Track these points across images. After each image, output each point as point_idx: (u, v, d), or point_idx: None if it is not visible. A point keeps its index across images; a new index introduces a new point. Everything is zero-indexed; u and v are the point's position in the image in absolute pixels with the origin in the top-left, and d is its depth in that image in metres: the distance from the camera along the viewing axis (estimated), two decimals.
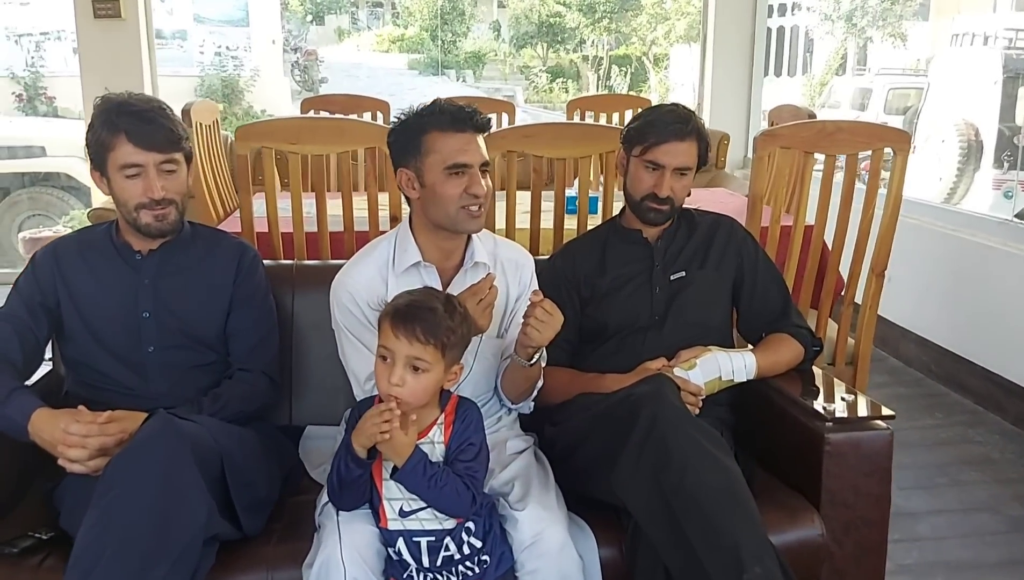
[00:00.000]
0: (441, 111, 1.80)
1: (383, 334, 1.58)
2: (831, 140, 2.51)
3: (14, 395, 1.72)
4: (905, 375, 3.93)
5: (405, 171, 1.82)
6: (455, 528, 1.61)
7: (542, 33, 22.34)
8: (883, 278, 2.62)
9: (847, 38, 17.90)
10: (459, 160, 1.78)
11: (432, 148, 1.78)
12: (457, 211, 1.80)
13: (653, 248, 2.11)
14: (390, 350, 1.56)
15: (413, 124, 1.81)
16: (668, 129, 2.01)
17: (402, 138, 1.82)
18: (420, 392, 1.57)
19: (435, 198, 1.80)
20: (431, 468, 1.56)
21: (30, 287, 1.89)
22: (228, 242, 2.03)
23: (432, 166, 1.78)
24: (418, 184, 1.81)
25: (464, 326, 1.62)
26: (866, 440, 1.82)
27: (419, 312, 1.56)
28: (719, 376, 1.96)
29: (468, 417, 1.64)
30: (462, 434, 1.62)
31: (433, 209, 1.82)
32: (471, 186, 1.79)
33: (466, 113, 1.80)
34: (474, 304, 1.70)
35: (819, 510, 1.82)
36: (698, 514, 1.53)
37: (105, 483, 1.50)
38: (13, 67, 11.29)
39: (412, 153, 1.80)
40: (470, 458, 1.61)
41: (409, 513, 1.60)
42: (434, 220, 1.83)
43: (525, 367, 1.79)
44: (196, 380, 1.91)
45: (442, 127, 1.78)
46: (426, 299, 1.60)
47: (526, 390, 1.89)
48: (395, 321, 1.56)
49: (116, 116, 1.80)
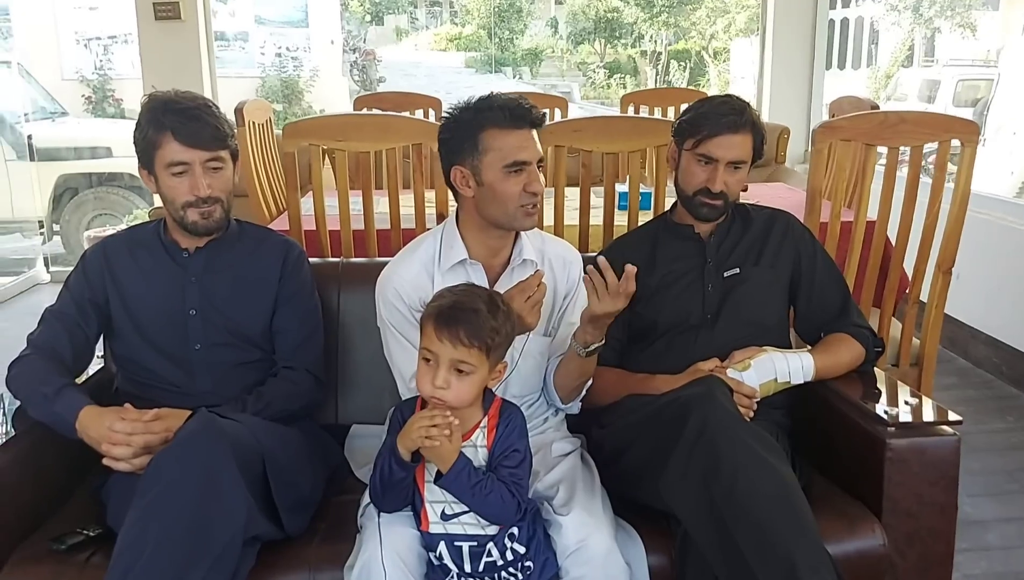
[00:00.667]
0: (498, 107, 1.74)
1: (426, 336, 1.54)
2: (894, 132, 2.40)
3: (63, 392, 1.74)
4: (974, 377, 3.77)
5: (460, 169, 1.78)
6: (498, 533, 1.57)
7: (599, 29, 22.19)
8: (950, 275, 2.50)
9: (914, 29, 17.37)
10: (519, 158, 1.73)
11: (490, 146, 1.74)
12: (516, 209, 1.76)
13: (706, 244, 2.04)
14: (433, 353, 1.52)
15: (469, 120, 1.76)
16: (721, 121, 1.94)
17: (457, 135, 1.77)
18: (464, 394, 1.53)
19: (493, 196, 1.76)
20: (475, 475, 1.53)
21: (80, 285, 1.90)
22: (273, 239, 2.02)
23: (491, 164, 1.74)
24: (474, 182, 1.77)
25: (508, 324, 1.58)
26: (931, 446, 1.73)
27: (462, 314, 1.52)
28: (775, 378, 1.88)
29: (512, 421, 1.59)
30: (506, 439, 1.58)
31: (490, 207, 1.78)
32: (530, 184, 1.75)
33: (523, 109, 1.75)
34: (522, 301, 1.66)
35: (880, 519, 1.73)
36: (750, 522, 1.46)
37: (146, 482, 1.50)
38: (82, 70, 11.63)
39: (468, 151, 1.76)
40: (514, 464, 1.56)
41: (451, 516, 1.57)
42: (490, 218, 1.79)
43: (581, 355, 1.73)
44: (242, 378, 1.91)
45: (500, 124, 1.73)
46: (469, 299, 1.55)
47: (577, 386, 1.84)
48: (438, 323, 1.52)
49: (162, 114, 1.80)
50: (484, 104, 1.76)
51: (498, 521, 1.56)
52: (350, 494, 1.86)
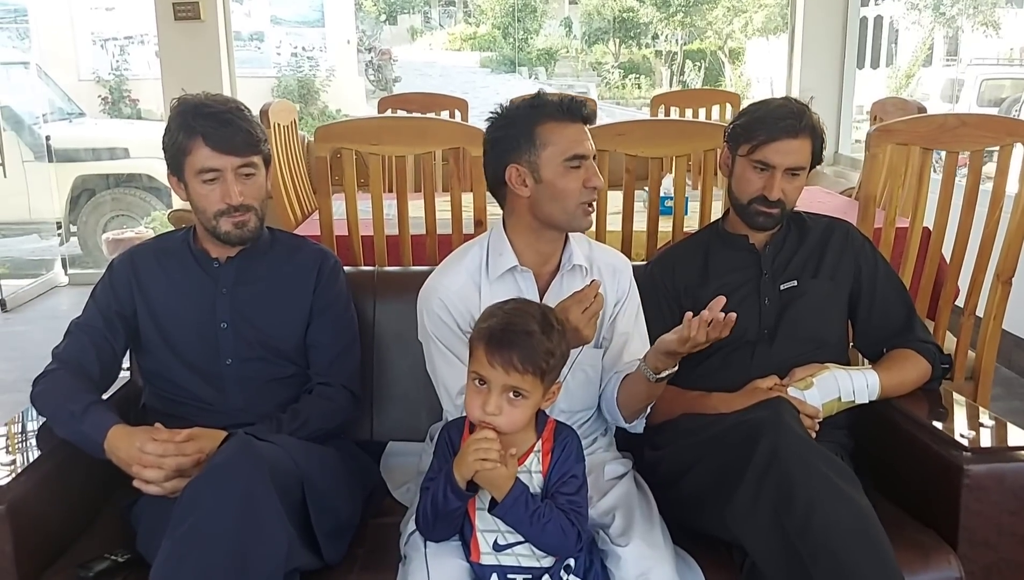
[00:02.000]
0: (552, 101, 1.70)
1: (476, 360, 1.44)
2: (953, 135, 2.29)
3: (90, 410, 1.66)
4: (1020, 387, 3.66)
5: (516, 166, 1.69)
6: (554, 565, 1.47)
7: (614, 29, 22.09)
8: (1009, 286, 2.39)
9: (934, 28, 17.19)
10: (578, 151, 1.68)
11: (549, 140, 1.67)
12: (576, 207, 1.69)
13: (761, 255, 1.94)
14: (484, 377, 1.43)
15: (524, 116, 1.70)
16: (779, 125, 1.84)
17: (511, 132, 1.70)
18: (518, 420, 1.44)
19: (554, 193, 1.68)
20: (533, 502, 1.43)
21: (106, 296, 1.82)
22: (308, 249, 1.93)
23: (550, 159, 1.67)
24: (531, 180, 1.68)
25: (563, 344, 1.48)
26: (1011, 473, 1.63)
27: (516, 337, 1.42)
28: (838, 397, 1.79)
29: (568, 446, 1.50)
30: (563, 464, 1.48)
31: (548, 205, 1.69)
32: (590, 179, 1.69)
33: (577, 103, 1.70)
34: (578, 313, 1.56)
35: (956, 550, 1.63)
36: (828, 558, 1.37)
37: (181, 511, 1.40)
38: (99, 70, 11.63)
39: (525, 147, 1.68)
40: (573, 491, 1.47)
41: (504, 547, 1.47)
42: (546, 218, 1.71)
43: (651, 381, 1.62)
44: (275, 394, 1.82)
45: (557, 117, 1.68)
46: (521, 320, 1.45)
47: (641, 409, 1.74)
48: (490, 347, 1.42)
49: (193, 118, 1.72)
50: (537, 100, 1.71)
51: (556, 552, 1.47)
52: (389, 516, 1.78)
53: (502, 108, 1.75)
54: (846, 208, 3.00)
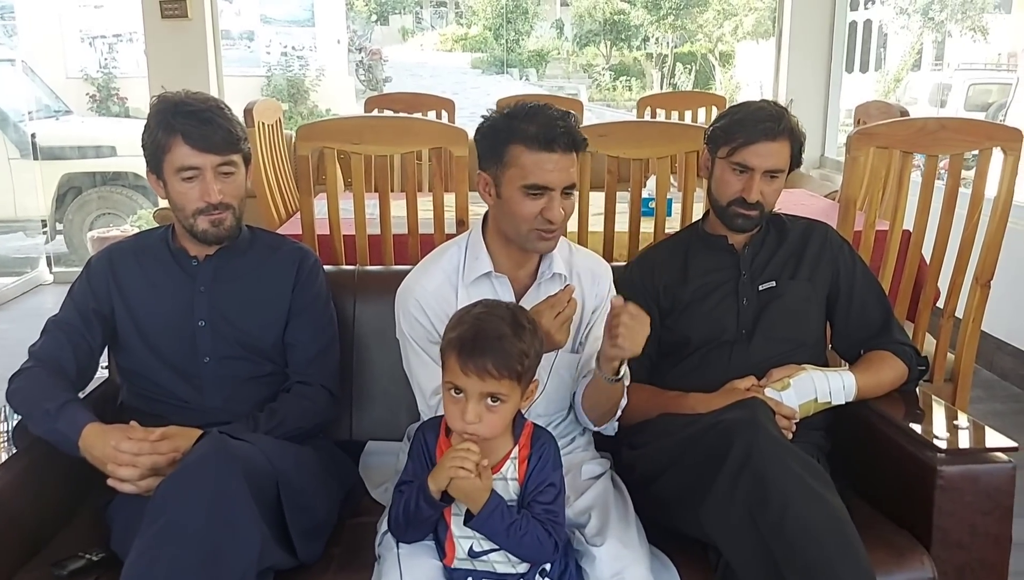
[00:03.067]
0: (532, 122, 1.62)
1: (449, 370, 1.42)
2: (933, 139, 2.30)
3: (66, 408, 1.65)
4: (1000, 390, 3.67)
5: (484, 175, 1.69)
6: (529, 571, 1.47)
7: (606, 31, 22.10)
8: (988, 288, 2.41)
9: (923, 32, 17.26)
10: (539, 181, 1.62)
11: (513, 161, 1.64)
12: (528, 232, 1.66)
13: (740, 256, 1.95)
14: (461, 387, 1.41)
15: (501, 128, 1.66)
16: (758, 128, 1.85)
17: (487, 140, 1.68)
18: (498, 425, 1.43)
19: (508, 212, 1.67)
20: (509, 515, 1.41)
21: (84, 294, 1.81)
22: (287, 247, 1.93)
23: (510, 180, 1.64)
24: (494, 192, 1.68)
25: (536, 342, 1.47)
26: (985, 474, 1.64)
27: (487, 343, 1.39)
28: (815, 398, 1.79)
29: (545, 453, 1.48)
30: (540, 473, 1.46)
31: (504, 222, 1.70)
32: (547, 210, 1.64)
33: (557, 132, 1.61)
34: (551, 318, 1.56)
35: (929, 551, 1.64)
36: (802, 560, 1.37)
37: (154, 509, 1.40)
38: (87, 68, 11.55)
39: (494, 160, 1.66)
40: (549, 500, 1.45)
41: (480, 554, 1.46)
42: (503, 230, 1.71)
43: (610, 383, 1.63)
44: (253, 393, 1.82)
45: (527, 142, 1.62)
46: (492, 325, 1.42)
47: (609, 410, 1.74)
48: (463, 357, 1.39)
49: (172, 116, 1.72)
50: (520, 115, 1.65)
51: (532, 560, 1.46)
52: (366, 516, 1.77)
53: (492, 112, 1.72)
54: (828, 211, 3.01)
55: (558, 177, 1.63)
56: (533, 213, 1.64)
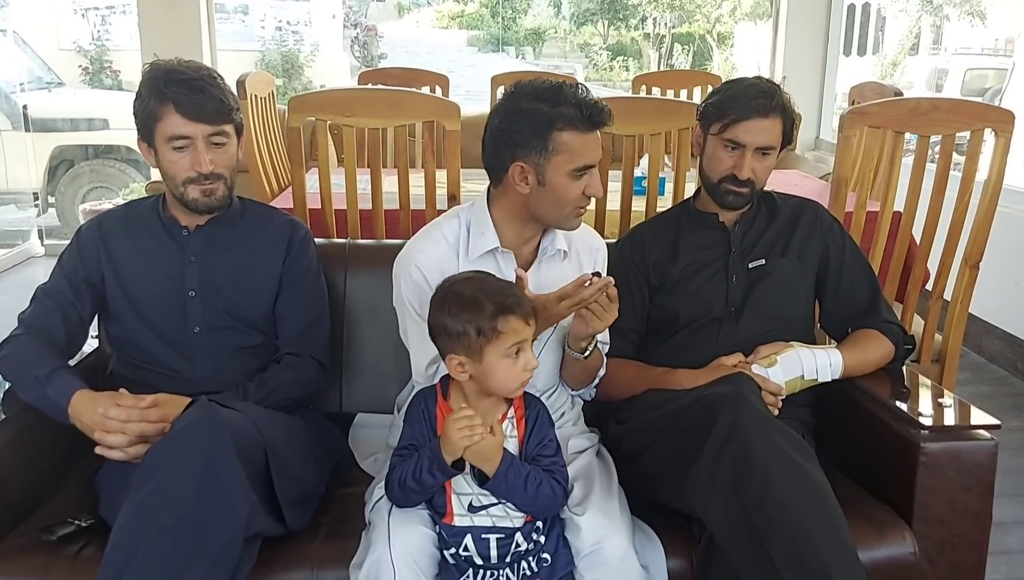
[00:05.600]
0: (575, 105, 1.62)
1: (513, 332, 1.47)
2: (926, 119, 2.30)
3: (55, 375, 1.65)
4: (988, 372, 3.70)
5: (522, 165, 1.65)
6: (524, 524, 1.51)
7: (603, 10, 21.99)
8: (977, 270, 2.42)
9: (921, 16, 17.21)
10: (588, 162, 1.65)
11: (563, 148, 1.62)
12: (571, 210, 1.69)
13: (730, 233, 1.95)
14: (524, 340, 1.49)
15: (540, 116, 1.62)
16: (750, 105, 1.84)
17: (524, 128, 1.63)
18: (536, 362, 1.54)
19: (554, 197, 1.66)
20: (524, 467, 1.47)
21: (73, 262, 1.81)
22: (279, 219, 1.93)
23: (559, 166, 1.63)
24: (535, 179, 1.65)
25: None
26: (966, 451, 1.65)
27: (514, 289, 1.53)
28: (801, 375, 1.80)
29: (541, 412, 1.56)
30: (539, 430, 1.54)
31: (545, 206, 1.68)
32: (590, 187, 1.68)
33: (599, 110, 1.64)
34: (562, 305, 1.58)
35: (911, 526, 1.65)
36: (783, 532, 1.38)
37: (142, 475, 1.41)
38: (80, 40, 11.44)
39: (536, 148, 1.63)
40: (552, 453, 1.53)
41: (479, 508, 1.49)
42: (539, 215, 1.71)
43: (581, 360, 1.69)
44: (243, 363, 1.82)
45: (577, 126, 1.62)
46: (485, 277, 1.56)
47: (585, 380, 1.80)
48: (521, 310, 1.48)
49: (164, 84, 1.70)
50: (560, 99, 1.62)
51: (547, 512, 1.52)
52: (355, 486, 1.78)
53: (512, 95, 1.67)
54: (821, 191, 3.01)
55: (599, 153, 1.69)
56: (579, 193, 1.67)
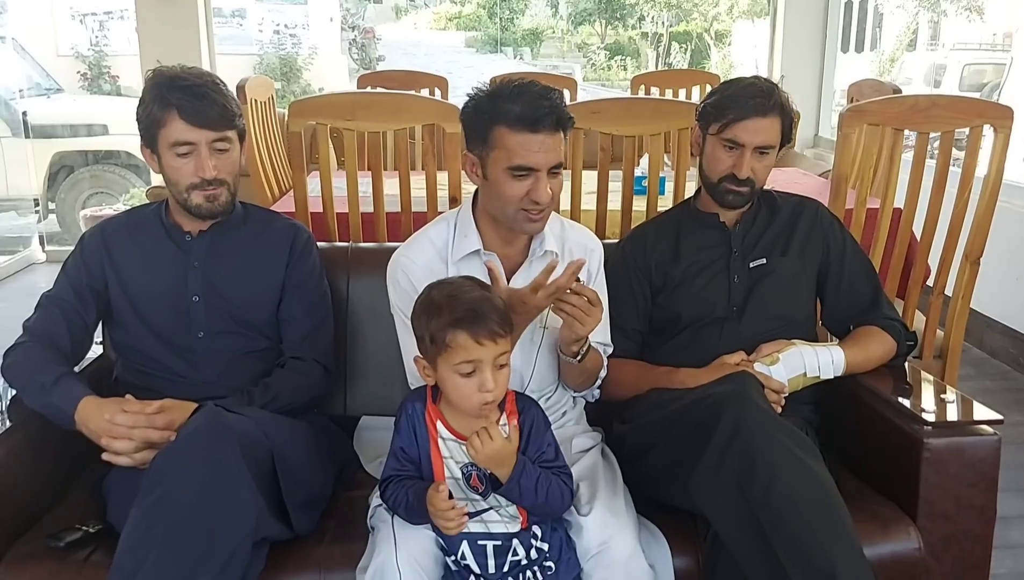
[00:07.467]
0: (516, 103, 1.59)
1: (462, 349, 1.42)
2: (925, 116, 2.31)
3: (61, 382, 1.66)
4: (990, 367, 3.70)
5: (470, 156, 1.69)
6: (521, 531, 1.50)
7: (600, 10, 21.99)
8: (978, 266, 2.42)
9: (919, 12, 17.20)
10: (524, 163, 1.61)
11: (499, 143, 1.62)
12: (515, 212, 1.66)
13: (731, 233, 1.96)
14: (477, 360, 1.42)
15: (485, 109, 1.64)
16: (749, 104, 1.85)
17: (472, 122, 1.67)
18: (505, 384, 1.49)
19: (495, 194, 1.67)
20: (534, 470, 1.46)
21: (77, 269, 1.82)
22: (281, 223, 1.93)
23: (496, 161, 1.63)
24: (481, 173, 1.68)
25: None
26: (970, 446, 1.66)
27: (482, 307, 1.43)
28: (804, 372, 1.81)
29: (536, 417, 1.53)
30: (536, 438, 1.52)
31: (491, 203, 1.70)
32: (533, 191, 1.63)
33: (542, 111, 1.59)
34: (538, 296, 1.56)
35: (915, 521, 1.66)
36: (788, 530, 1.39)
37: (150, 481, 1.41)
38: (78, 46, 11.45)
39: (479, 141, 1.65)
40: (553, 457, 1.52)
41: (474, 515, 1.49)
42: (492, 212, 1.72)
43: (575, 364, 1.68)
44: (247, 367, 1.83)
45: (511, 123, 1.60)
46: (470, 292, 1.46)
47: (585, 382, 1.79)
48: (473, 328, 1.41)
49: (168, 91, 1.71)
50: (503, 95, 1.61)
51: (556, 514, 1.52)
52: (360, 490, 1.79)
53: (476, 91, 1.69)
54: (821, 189, 3.02)
55: (544, 158, 1.62)
56: (519, 194, 1.63)
